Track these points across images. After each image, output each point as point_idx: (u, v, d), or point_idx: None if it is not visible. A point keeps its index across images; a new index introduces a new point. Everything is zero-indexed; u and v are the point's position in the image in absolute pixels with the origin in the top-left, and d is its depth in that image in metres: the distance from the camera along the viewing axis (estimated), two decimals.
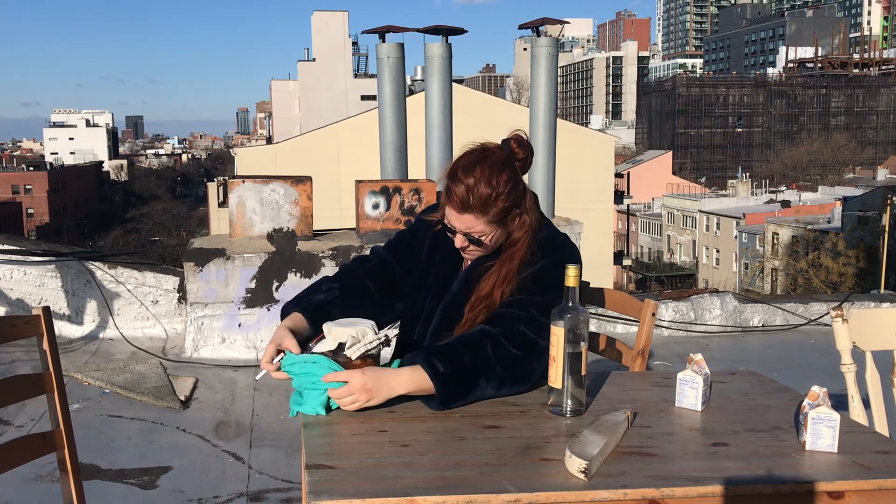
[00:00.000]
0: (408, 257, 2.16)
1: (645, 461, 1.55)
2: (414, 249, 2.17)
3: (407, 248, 2.17)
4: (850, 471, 1.52)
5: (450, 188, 1.93)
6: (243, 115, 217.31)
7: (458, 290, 2.05)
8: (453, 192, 1.92)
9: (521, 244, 1.97)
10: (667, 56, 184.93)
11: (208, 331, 5.42)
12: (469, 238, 1.97)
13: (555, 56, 6.79)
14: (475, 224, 1.93)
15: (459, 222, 1.95)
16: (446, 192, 1.95)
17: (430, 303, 2.10)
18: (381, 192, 5.70)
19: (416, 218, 2.24)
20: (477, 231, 1.95)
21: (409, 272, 2.15)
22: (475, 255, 2.03)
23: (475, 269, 2.03)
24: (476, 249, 2.00)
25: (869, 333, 2.27)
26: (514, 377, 1.87)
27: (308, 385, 1.76)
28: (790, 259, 39.03)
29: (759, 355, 6.12)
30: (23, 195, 70.14)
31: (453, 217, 1.95)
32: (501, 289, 1.95)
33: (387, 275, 2.13)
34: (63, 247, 6.41)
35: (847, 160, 69.70)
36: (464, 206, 1.91)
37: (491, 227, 1.94)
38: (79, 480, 1.99)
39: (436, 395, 1.77)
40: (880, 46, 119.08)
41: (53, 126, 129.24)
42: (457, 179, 1.91)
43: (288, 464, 3.76)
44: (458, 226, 1.95)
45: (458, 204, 1.91)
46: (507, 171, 1.92)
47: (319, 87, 44.18)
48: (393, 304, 2.13)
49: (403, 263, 2.15)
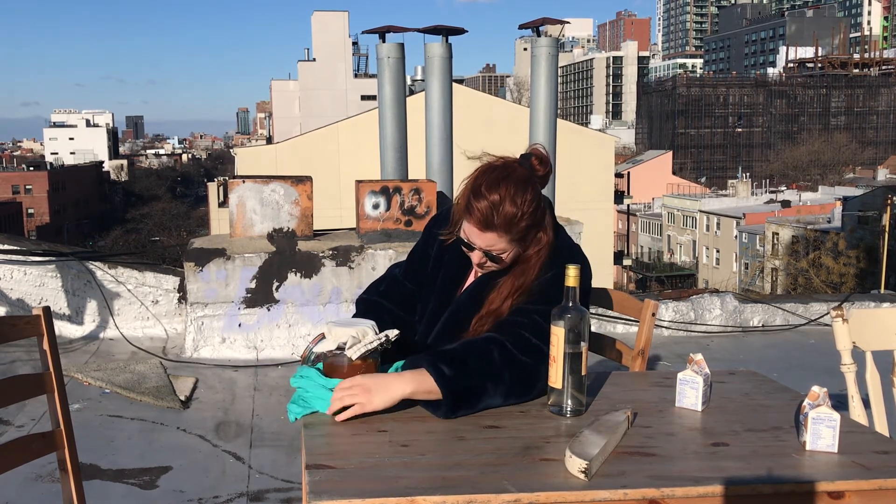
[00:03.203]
0: (420, 270, 2.16)
1: (645, 461, 1.55)
2: (425, 260, 2.16)
3: (418, 262, 2.17)
4: (850, 471, 1.52)
5: (472, 205, 1.88)
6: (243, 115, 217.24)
7: (465, 300, 2.03)
8: (476, 210, 1.87)
9: (535, 261, 1.95)
10: (667, 56, 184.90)
11: (208, 331, 5.43)
12: (487, 255, 1.94)
13: (555, 56, 6.79)
14: (497, 242, 1.90)
15: (480, 240, 1.91)
16: (467, 208, 1.90)
17: (433, 303, 2.09)
18: (382, 192, 5.70)
19: (425, 227, 2.22)
20: (497, 249, 1.92)
21: (421, 285, 2.15)
22: (489, 270, 2.01)
23: (485, 282, 2.00)
24: (493, 265, 1.98)
25: (869, 333, 2.27)
26: (521, 384, 1.84)
27: (299, 393, 1.78)
28: (790, 259, 39.04)
29: (759, 355, 6.12)
30: (23, 195, 70.14)
31: (474, 234, 1.91)
32: (511, 300, 1.94)
33: (400, 293, 2.16)
34: (63, 247, 6.41)
35: (847, 160, 69.70)
36: (487, 225, 1.87)
37: (511, 245, 1.92)
38: (79, 480, 1.99)
39: (443, 400, 1.73)
40: (880, 46, 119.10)
41: (54, 126, 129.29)
42: (480, 197, 1.87)
43: (288, 464, 3.76)
44: (479, 243, 1.92)
45: (481, 222, 1.87)
46: (531, 189, 1.89)
47: (319, 87, 44.19)
48: (411, 320, 2.13)
49: (415, 278, 2.16)
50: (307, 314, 5.52)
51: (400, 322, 2.05)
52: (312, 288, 5.51)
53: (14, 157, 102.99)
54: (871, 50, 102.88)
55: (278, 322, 5.50)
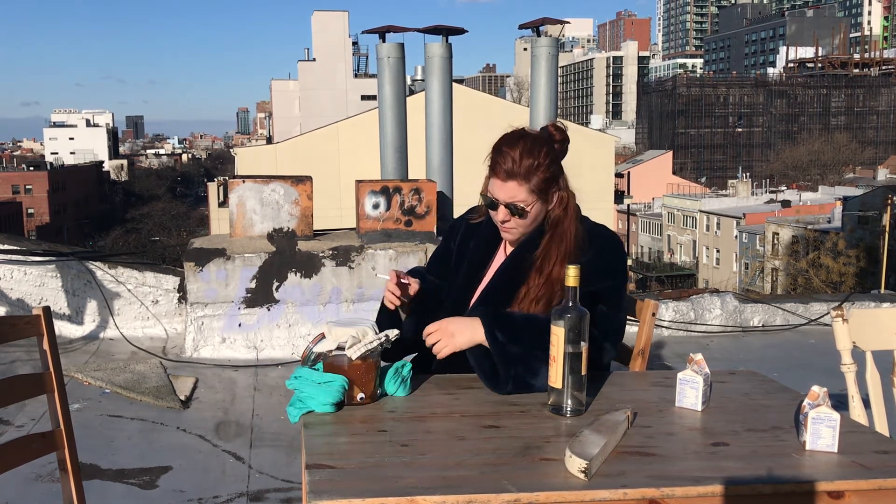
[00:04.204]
0: (444, 262, 2.31)
1: (645, 461, 1.55)
2: (447, 253, 2.31)
3: (441, 255, 2.33)
4: (850, 471, 1.52)
5: (494, 160, 2.07)
6: (243, 115, 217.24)
7: (502, 273, 2.15)
8: (498, 164, 2.06)
9: (567, 221, 2.10)
10: (667, 56, 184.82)
11: (208, 331, 5.43)
12: (511, 208, 2.06)
13: (555, 56, 6.78)
14: (518, 192, 2.05)
15: (503, 191, 2.06)
16: (491, 165, 2.09)
17: (461, 279, 2.21)
18: (382, 192, 5.70)
19: (444, 232, 2.38)
20: (520, 200, 2.05)
21: (444, 277, 2.29)
22: (515, 234, 2.12)
23: (520, 254, 2.12)
24: (517, 224, 2.09)
25: (869, 333, 2.27)
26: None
27: (296, 395, 1.79)
28: (790, 259, 39.02)
29: (759, 355, 6.12)
30: (23, 195, 70.13)
31: (497, 187, 2.07)
32: (562, 266, 2.02)
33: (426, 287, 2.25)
34: (63, 247, 6.41)
35: (847, 160, 69.67)
36: (508, 174, 2.04)
37: (532, 196, 2.06)
38: (79, 480, 1.98)
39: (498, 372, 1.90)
40: (880, 46, 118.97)
41: (54, 126, 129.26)
42: (501, 152, 2.06)
43: (288, 464, 3.76)
44: (502, 196, 2.06)
45: (503, 173, 2.04)
46: (547, 147, 2.08)
47: (319, 87, 44.19)
48: (437, 313, 2.21)
49: (439, 271, 2.30)
50: (307, 314, 5.52)
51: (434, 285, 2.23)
52: (312, 288, 5.51)
53: (14, 157, 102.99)
54: (871, 50, 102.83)
55: (278, 322, 5.50)
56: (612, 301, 2.07)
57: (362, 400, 1.81)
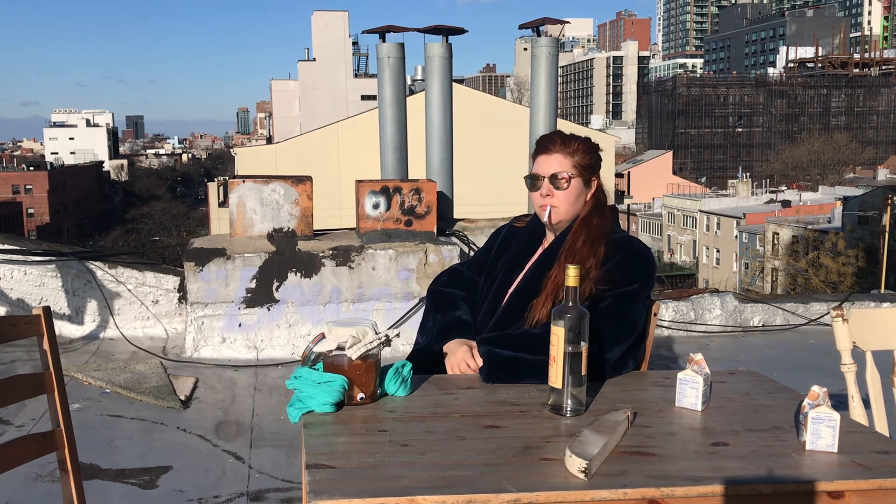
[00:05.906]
0: (482, 260, 2.41)
1: (645, 461, 1.55)
2: (487, 254, 2.41)
3: (482, 256, 2.44)
4: (850, 471, 1.52)
5: (538, 146, 2.26)
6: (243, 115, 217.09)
7: (536, 268, 2.23)
8: (542, 144, 2.25)
9: (600, 215, 2.21)
10: (667, 56, 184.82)
11: (208, 331, 5.43)
12: (553, 181, 2.19)
13: (555, 56, 6.78)
14: (563, 163, 2.20)
15: (546, 164, 2.21)
16: (534, 153, 2.27)
17: (498, 282, 2.29)
18: (382, 192, 5.70)
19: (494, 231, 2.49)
20: (562, 170, 2.19)
21: (482, 273, 2.39)
22: (558, 214, 2.20)
23: (556, 248, 2.21)
24: (559, 199, 2.18)
25: (869, 333, 2.26)
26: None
27: (296, 395, 1.79)
28: (790, 259, 39.01)
29: (759, 355, 6.12)
30: (23, 195, 70.15)
31: (540, 163, 2.23)
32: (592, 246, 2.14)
33: (460, 280, 2.42)
34: (63, 247, 6.41)
35: (847, 160, 69.65)
36: (553, 149, 2.22)
37: (574, 171, 2.20)
38: (79, 480, 1.98)
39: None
40: (880, 46, 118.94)
41: (54, 126, 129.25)
42: (546, 137, 2.27)
43: (288, 464, 3.76)
44: (545, 170, 2.21)
45: (547, 148, 2.23)
46: (588, 141, 2.27)
47: (319, 87, 44.18)
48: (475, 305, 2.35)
49: (478, 269, 2.39)
50: (307, 314, 5.52)
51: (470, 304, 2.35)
52: (312, 288, 5.51)
53: (14, 157, 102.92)
54: (871, 50, 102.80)
55: (278, 322, 5.50)
56: (628, 302, 2.09)
57: (362, 400, 1.81)
